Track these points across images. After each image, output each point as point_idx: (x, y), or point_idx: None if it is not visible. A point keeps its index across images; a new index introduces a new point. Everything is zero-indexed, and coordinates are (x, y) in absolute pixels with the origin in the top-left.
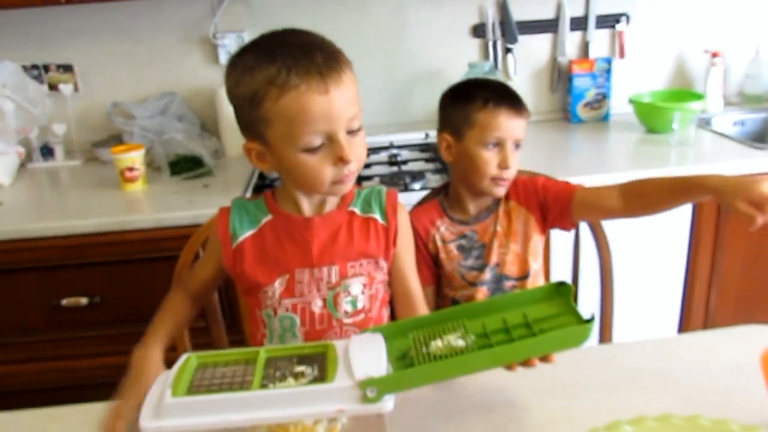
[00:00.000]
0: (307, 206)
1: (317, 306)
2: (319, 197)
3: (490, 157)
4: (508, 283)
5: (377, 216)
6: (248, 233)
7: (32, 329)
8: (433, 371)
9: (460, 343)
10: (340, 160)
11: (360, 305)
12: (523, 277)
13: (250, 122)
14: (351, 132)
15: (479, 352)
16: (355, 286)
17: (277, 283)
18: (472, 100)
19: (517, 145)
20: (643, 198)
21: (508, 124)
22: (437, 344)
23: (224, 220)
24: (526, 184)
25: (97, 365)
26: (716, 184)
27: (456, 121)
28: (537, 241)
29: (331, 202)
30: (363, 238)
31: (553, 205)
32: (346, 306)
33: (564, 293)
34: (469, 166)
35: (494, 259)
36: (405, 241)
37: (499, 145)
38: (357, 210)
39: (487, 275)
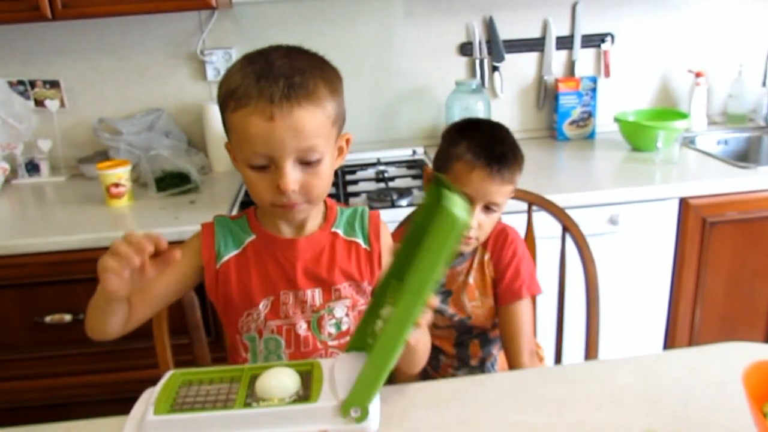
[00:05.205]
0: (286, 226)
1: (302, 328)
2: None
3: None
4: (476, 331)
5: (360, 240)
6: (232, 254)
7: (15, 346)
8: (378, 360)
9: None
10: (278, 188)
11: (344, 327)
12: (494, 326)
13: (223, 122)
14: (305, 163)
15: (390, 323)
16: (339, 309)
17: (261, 305)
18: (456, 144)
19: (491, 208)
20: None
21: (480, 185)
22: (379, 326)
23: (209, 239)
24: (505, 243)
25: (81, 383)
26: None
27: (440, 158)
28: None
29: (313, 223)
30: (346, 260)
31: (498, 281)
32: (329, 328)
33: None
34: None
35: (466, 311)
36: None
37: (467, 201)
38: (340, 231)
39: (456, 323)
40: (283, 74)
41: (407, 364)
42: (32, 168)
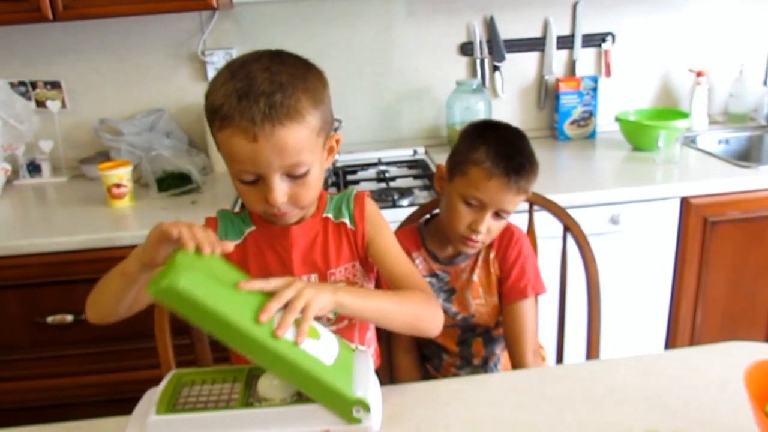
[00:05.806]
0: None
1: None
2: None
3: (464, 214)
4: (480, 329)
5: (347, 220)
6: (233, 244)
7: (16, 347)
8: (298, 380)
9: None
10: (267, 201)
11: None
12: (497, 324)
13: (212, 135)
14: (292, 176)
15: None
16: None
17: None
18: (475, 147)
19: (501, 215)
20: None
21: (496, 194)
22: None
23: (213, 231)
24: (510, 242)
25: (82, 383)
26: None
27: (455, 159)
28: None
29: (307, 211)
30: (338, 243)
31: (504, 280)
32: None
33: None
34: (446, 211)
35: (470, 309)
36: (375, 229)
37: (480, 206)
38: (330, 216)
39: (459, 321)
40: (264, 92)
41: (400, 328)
42: (34, 169)
